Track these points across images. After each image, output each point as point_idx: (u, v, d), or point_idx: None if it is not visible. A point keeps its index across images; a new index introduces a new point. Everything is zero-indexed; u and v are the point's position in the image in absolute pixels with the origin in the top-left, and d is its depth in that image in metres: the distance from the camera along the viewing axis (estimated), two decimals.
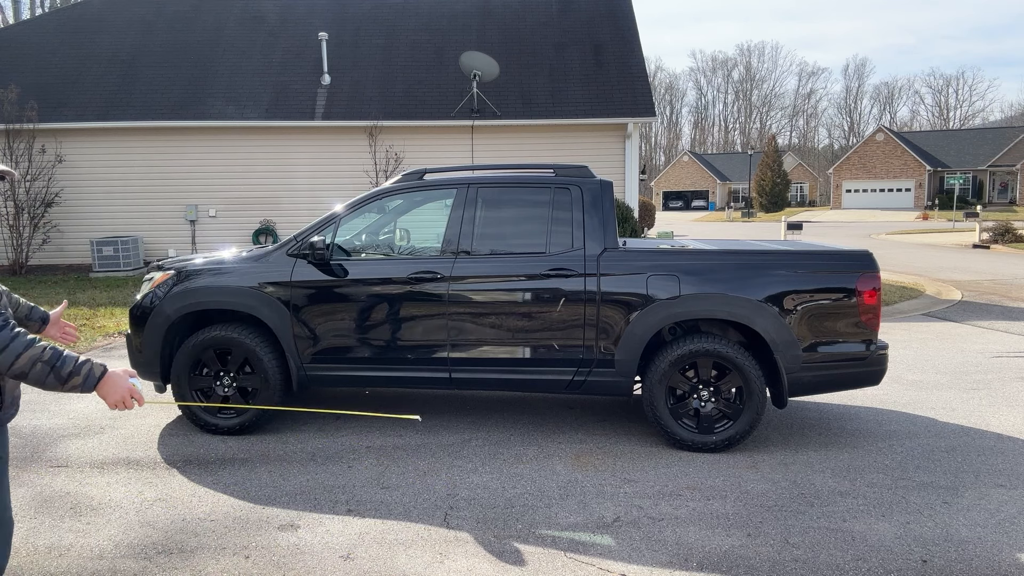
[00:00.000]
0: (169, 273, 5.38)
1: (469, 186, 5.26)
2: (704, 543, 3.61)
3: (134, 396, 2.34)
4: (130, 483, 4.39)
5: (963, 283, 13.95)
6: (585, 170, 5.30)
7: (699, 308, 4.88)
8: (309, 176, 15.53)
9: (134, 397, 2.34)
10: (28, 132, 14.66)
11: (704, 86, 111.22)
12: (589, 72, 16.11)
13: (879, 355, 4.93)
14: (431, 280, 5.06)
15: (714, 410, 4.91)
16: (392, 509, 4.01)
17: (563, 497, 4.17)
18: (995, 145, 57.13)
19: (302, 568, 3.39)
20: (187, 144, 15.61)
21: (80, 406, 5.99)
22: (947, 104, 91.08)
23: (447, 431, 5.35)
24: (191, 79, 16.12)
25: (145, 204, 15.64)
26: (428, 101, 15.65)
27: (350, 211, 5.38)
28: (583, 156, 14.26)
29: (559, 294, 4.96)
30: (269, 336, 5.24)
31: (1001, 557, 3.46)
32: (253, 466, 4.66)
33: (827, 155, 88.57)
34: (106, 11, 17.88)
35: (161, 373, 5.30)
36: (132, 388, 2.34)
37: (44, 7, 39.58)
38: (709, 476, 4.46)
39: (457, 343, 5.08)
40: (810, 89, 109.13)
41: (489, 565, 3.41)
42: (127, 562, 3.44)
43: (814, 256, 5.00)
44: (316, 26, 17.03)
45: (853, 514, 3.93)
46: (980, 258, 19.47)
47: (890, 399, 6.16)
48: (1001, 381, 6.75)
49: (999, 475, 4.47)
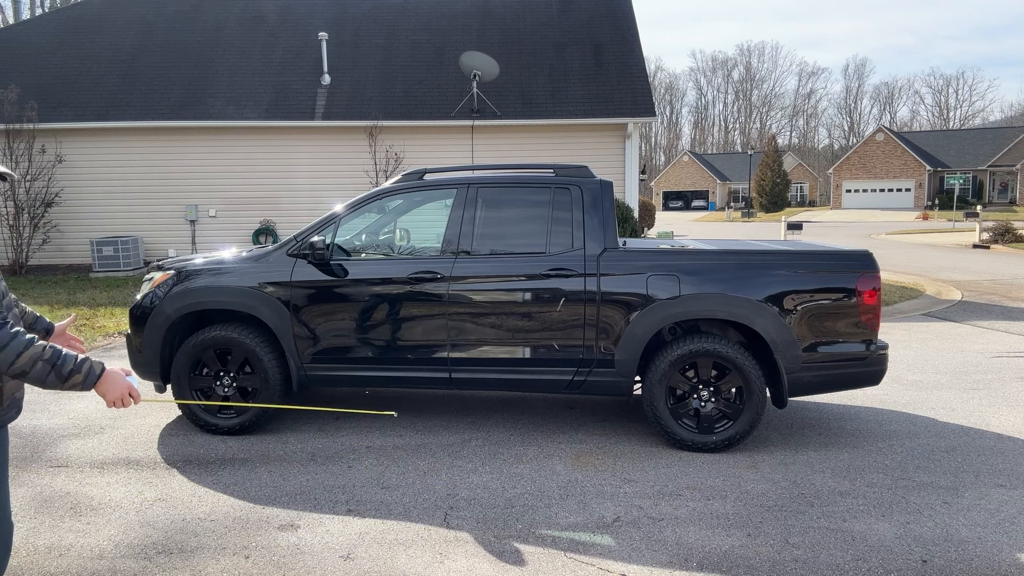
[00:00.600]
0: (169, 273, 5.38)
1: (469, 186, 5.26)
2: (704, 543, 3.61)
3: (132, 394, 2.41)
4: (130, 483, 4.39)
5: (963, 283, 13.95)
6: (585, 170, 5.30)
7: (699, 308, 4.88)
8: (309, 176, 15.53)
9: (132, 395, 2.41)
10: (28, 132, 14.66)
11: (704, 86, 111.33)
12: (589, 72, 16.11)
13: (879, 355, 4.93)
14: (431, 280, 5.06)
15: (714, 410, 4.91)
16: (392, 509, 4.01)
17: (563, 497, 4.17)
18: (995, 145, 57.14)
19: (302, 568, 3.39)
20: (187, 144, 15.61)
21: (80, 406, 5.99)
22: (947, 104, 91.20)
23: (447, 431, 5.35)
24: (191, 79, 16.12)
25: (145, 204, 15.64)
26: (428, 101, 15.65)
27: (350, 211, 5.38)
28: (583, 156, 14.26)
29: (559, 294, 4.96)
30: (269, 336, 5.24)
31: (1001, 557, 3.46)
32: (253, 466, 4.66)
33: (827, 155, 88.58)
34: (106, 11, 17.88)
35: (161, 373, 5.31)
36: (130, 386, 2.41)
37: (44, 7, 39.59)
38: (709, 476, 4.46)
39: (457, 343, 5.08)
40: (810, 89, 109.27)
41: (489, 565, 3.41)
42: (127, 562, 3.44)
43: (814, 256, 5.00)
44: (316, 26, 17.03)
45: (853, 514, 3.93)
46: (980, 258, 19.47)
47: (890, 399, 6.16)
48: (1001, 381, 6.75)
49: (999, 475, 4.47)
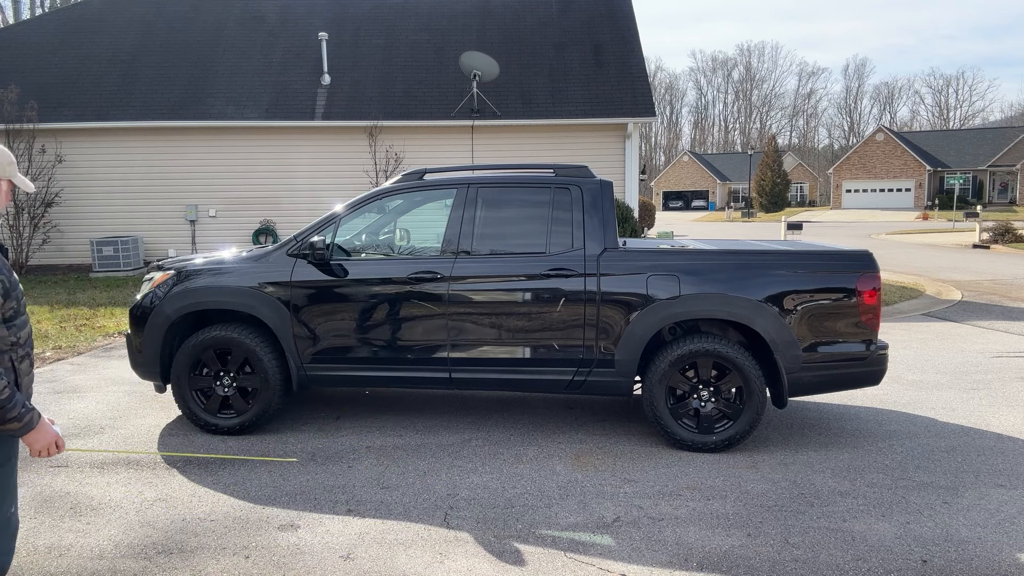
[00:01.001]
0: (169, 273, 5.38)
1: (469, 186, 5.26)
2: (704, 543, 3.61)
3: (58, 443, 2.54)
4: (130, 483, 4.39)
5: (963, 283, 13.95)
6: (585, 170, 5.30)
7: (699, 308, 4.88)
8: (309, 176, 15.53)
9: (57, 444, 2.54)
10: (28, 132, 14.65)
11: (704, 86, 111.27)
12: (589, 72, 16.11)
13: (879, 355, 4.93)
14: (431, 280, 5.06)
15: (714, 410, 4.91)
16: (392, 509, 4.01)
17: (563, 497, 4.17)
18: (995, 145, 57.14)
19: (302, 568, 3.39)
20: (187, 144, 15.61)
21: (80, 406, 5.99)
22: (947, 104, 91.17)
23: (447, 431, 5.35)
24: (191, 79, 16.12)
25: (145, 204, 15.64)
26: (428, 101, 15.65)
27: (350, 211, 5.38)
28: (583, 156, 14.25)
29: (559, 294, 4.96)
30: (269, 336, 5.24)
31: (1001, 557, 3.46)
32: (253, 466, 4.66)
33: (827, 155, 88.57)
34: (106, 11, 17.88)
35: (161, 373, 5.31)
36: (56, 435, 2.54)
37: (44, 7, 39.59)
38: (709, 476, 4.47)
39: (457, 343, 5.08)
40: (810, 89, 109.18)
41: (489, 565, 3.41)
42: (127, 562, 3.45)
43: (814, 256, 5.00)
44: (316, 26, 17.03)
45: (853, 514, 3.93)
46: (980, 258, 19.47)
47: (890, 399, 6.16)
48: (1001, 381, 6.75)
49: (999, 475, 4.47)
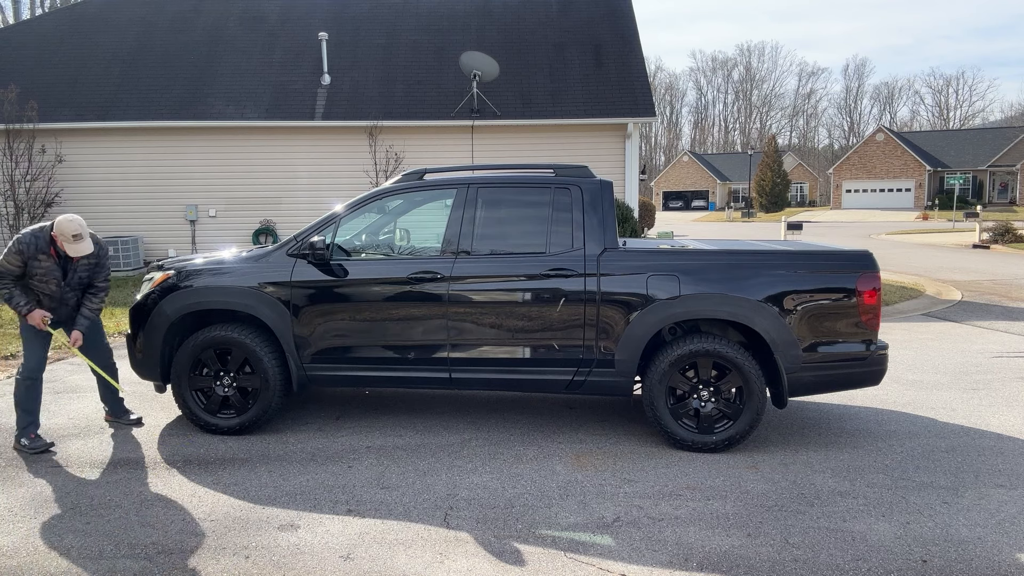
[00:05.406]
0: (169, 273, 5.38)
1: (469, 186, 5.26)
2: (704, 543, 3.61)
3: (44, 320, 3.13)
4: (130, 483, 4.39)
5: (963, 283, 13.95)
6: (585, 170, 5.30)
7: (699, 308, 4.88)
8: (309, 176, 15.53)
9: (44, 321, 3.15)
10: (28, 132, 14.65)
11: (704, 86, 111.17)
12: (589, 72, 16.11)
13: (879, 355, 4.93)
14: (431, 280, 5.06)
15: (714, 410, 4.91)
16: (392, 509, 4.01)
17: (563, 497, 4.17)
18: (995, 145, 57.13)
19: (302, 568, 3.39)
20: (187, 144, 15.60)
21: (80, 406, 5.99)
22: (947, 104, 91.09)
23: (447, 431, 5.35)
24: (191, 79, 16.12)
25: (145, 204, 15.64)
26: (428, 101, 15.65)
27: (350, 211, 5.38)
28: (583, 156, 14.25)
29: (559, 294, 4.96)
30: (269, 336, 5.24)
31: (1001, 557, 3.46)
32: (253, 466, 4.66)
33: (827, 155, 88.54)
34: (106, 11, 17.88)
35: (161, 373, 5.31)
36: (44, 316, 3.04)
37: (44, 7, 39.59)
38: (709, 476, 4.46)
39: (457, 343, 5.08)
40: (810, 89, 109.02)
41: (489, 565, 3.41)
42: (127, 562, 3.45)
43: (814, 256, 5.00)
44: (316, 26, 17.02)
45: (853, 514, 3.93)
46: (980, 258, 19.46)
47: (890, 399, 6.16)
48: (1001, 381, 6.75)
49: (999, 475, 4.47)
